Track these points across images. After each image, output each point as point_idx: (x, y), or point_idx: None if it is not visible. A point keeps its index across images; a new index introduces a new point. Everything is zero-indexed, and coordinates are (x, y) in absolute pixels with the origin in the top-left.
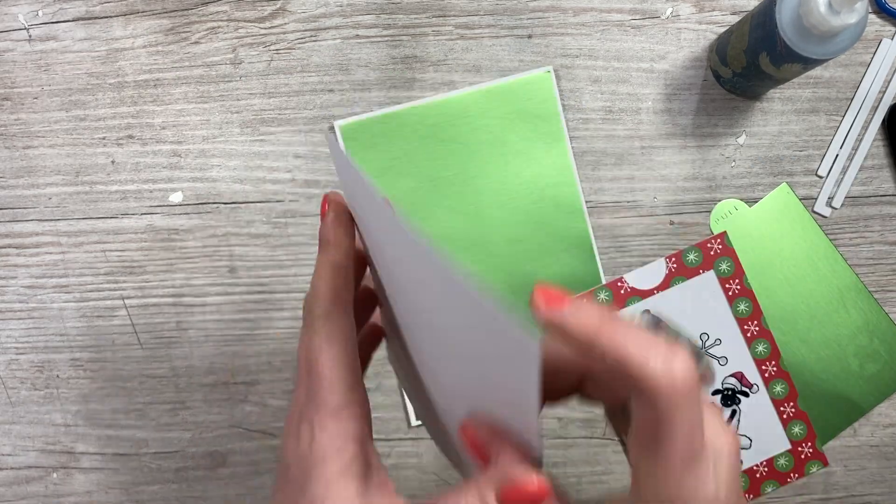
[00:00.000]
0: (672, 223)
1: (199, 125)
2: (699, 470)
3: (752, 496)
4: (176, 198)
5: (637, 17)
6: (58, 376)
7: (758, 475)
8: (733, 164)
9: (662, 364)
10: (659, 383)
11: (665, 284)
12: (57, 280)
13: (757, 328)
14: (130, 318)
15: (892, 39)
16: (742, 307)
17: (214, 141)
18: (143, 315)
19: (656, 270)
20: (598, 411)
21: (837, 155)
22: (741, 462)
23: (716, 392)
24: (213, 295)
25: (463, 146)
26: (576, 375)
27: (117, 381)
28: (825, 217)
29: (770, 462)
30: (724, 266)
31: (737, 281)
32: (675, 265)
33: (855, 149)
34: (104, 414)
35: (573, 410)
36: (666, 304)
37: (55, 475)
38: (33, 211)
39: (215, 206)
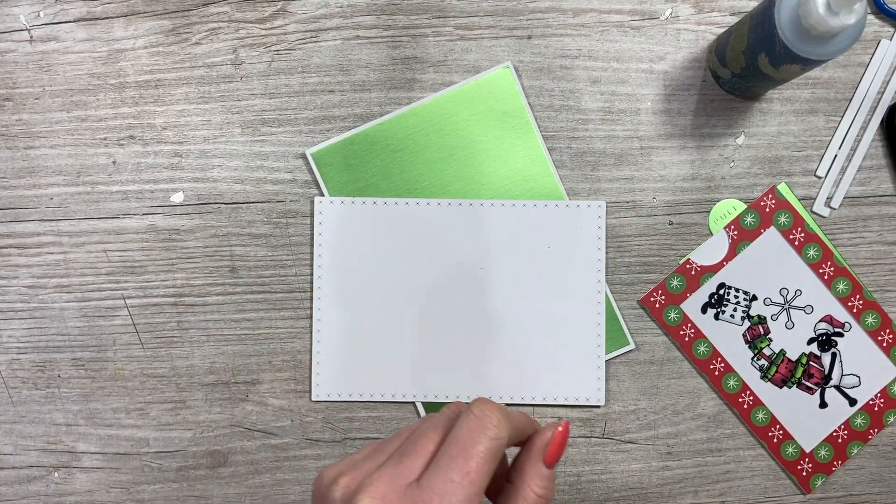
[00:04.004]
0: (671, 223)
1: (200, 125)
2: None
3: (876, 430)
4: (177, 198)
5: (636, 18)
6: (59, 376)
7: (876, 408)
8: (732, 164)
9: None
10: None
11: (732, 253)
12: (58, 280)
13: (832, 269)
14: (132, 317)
15: (890, 40)
16: (811, 253)
17: (215, 141)
18: (145, 315)
19: (719, 242)
20: (596, 410)
21: (836, 155)
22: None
23: (811, 340)
24: (213, 295)
25: (436, 154)
26: None
27: (118, 381)
28: (823, 217)
29: (885, 391)
30: (782, 219)
31: (799, 229)
32: (735, 232)
33: (853, 149)
34: (105, 413)
35: (572, 410)
36: (737, 272)
37: (56, 474)
38: (35, 211)
39: (216, 206)
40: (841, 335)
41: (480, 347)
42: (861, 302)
